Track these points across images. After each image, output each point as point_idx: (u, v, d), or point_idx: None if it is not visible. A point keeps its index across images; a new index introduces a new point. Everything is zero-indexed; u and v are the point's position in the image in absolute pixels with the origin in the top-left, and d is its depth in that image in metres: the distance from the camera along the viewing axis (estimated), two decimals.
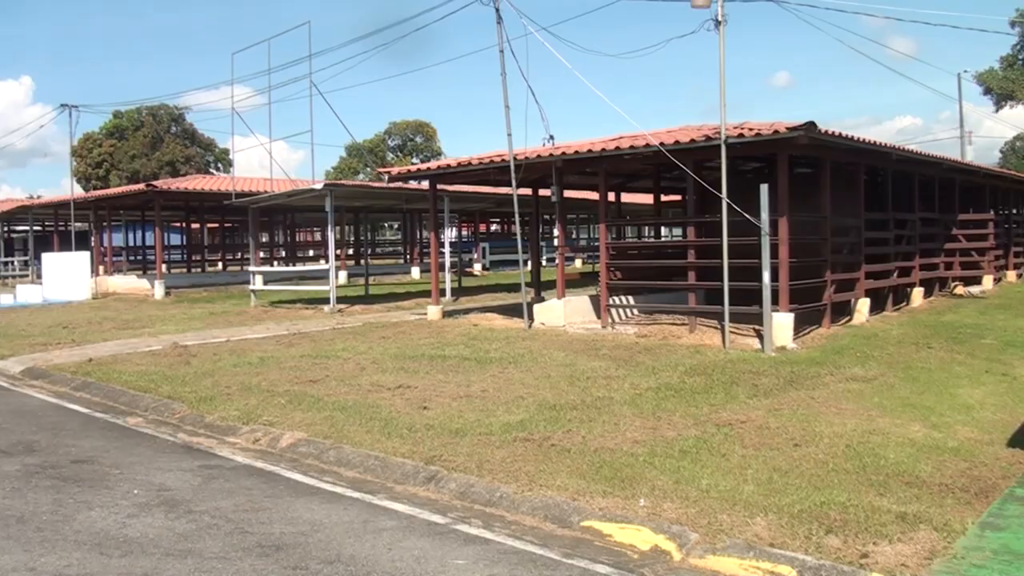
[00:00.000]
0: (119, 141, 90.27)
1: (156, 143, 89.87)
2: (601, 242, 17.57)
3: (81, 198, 40.17)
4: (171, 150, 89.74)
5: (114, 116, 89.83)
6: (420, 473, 7.59)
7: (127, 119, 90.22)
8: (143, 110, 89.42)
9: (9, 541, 6.12)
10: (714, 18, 14.00)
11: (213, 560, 5.71)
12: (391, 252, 64.57)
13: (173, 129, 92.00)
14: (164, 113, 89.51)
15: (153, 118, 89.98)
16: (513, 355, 13.66)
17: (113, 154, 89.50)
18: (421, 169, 21.86)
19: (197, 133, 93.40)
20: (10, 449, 9.04)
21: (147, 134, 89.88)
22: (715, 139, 14.16)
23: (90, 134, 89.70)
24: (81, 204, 38.62)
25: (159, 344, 16.54)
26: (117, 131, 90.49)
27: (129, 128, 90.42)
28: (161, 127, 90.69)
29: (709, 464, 7.39)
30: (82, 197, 41.18)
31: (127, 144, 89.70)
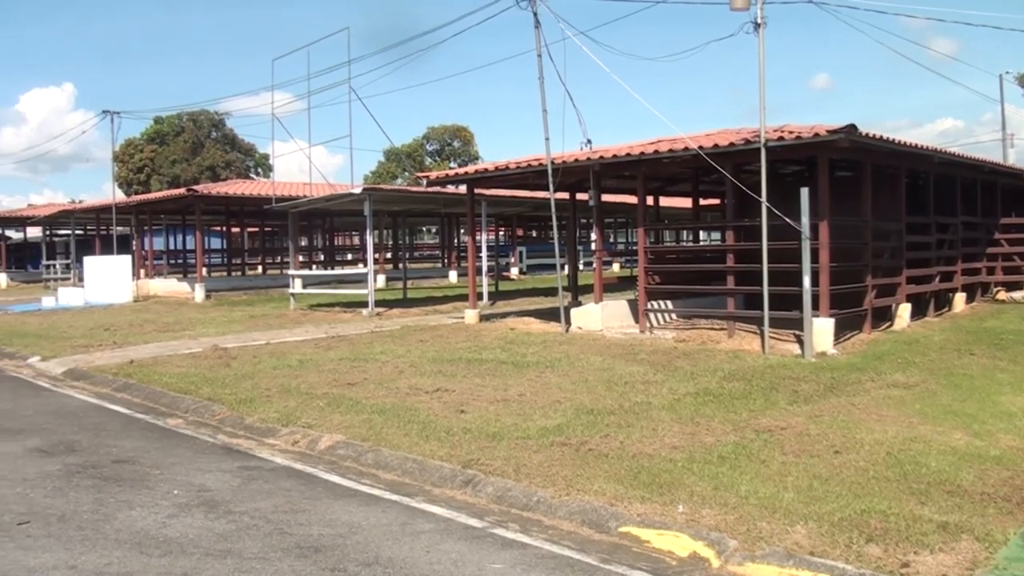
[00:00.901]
0: (160, 146, 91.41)
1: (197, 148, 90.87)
2: (639, 246, 17.50)
3: (123, 202, 40.67)
4: (211, 155, 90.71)
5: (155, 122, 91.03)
6: (457, 476, 7.60)
7: (168, 125, 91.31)
8: (184, 116, 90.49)
9: (51, 539, 6.20)
10: (753, 20, 13.91)
11: (252, 560, 5.74)
12: (429, 256, 64.78)
13: (214, 134, 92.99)
14: (205, 119, 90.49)
15: (194, 124, 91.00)
16: (550, 359, 13.64)
17: (154, 159, 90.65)
18: (459, 173, 21.87)
19: (237, 138, 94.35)
20: (52, 449, 9.16)
21: (188, 139, 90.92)
22: (755, 142, 14.06)
23: (131, 140, 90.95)
24: (122, 208, 39.08)
25: (199, 346, 16.69)
26: (158, 136, 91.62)
27: (170, 134, 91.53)
28: (202, 132, 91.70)
29: (748, 470, 7.32)
30: (124, 202, 41.69)
31: (168, 149, 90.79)
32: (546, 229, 58.41)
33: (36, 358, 16.29)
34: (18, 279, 51.24)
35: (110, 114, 36.45)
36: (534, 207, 35.54)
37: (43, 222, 51.60)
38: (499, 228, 52.08)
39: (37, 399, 12.50)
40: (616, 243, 56.35)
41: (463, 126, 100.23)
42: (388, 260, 47.59)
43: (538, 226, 59.46)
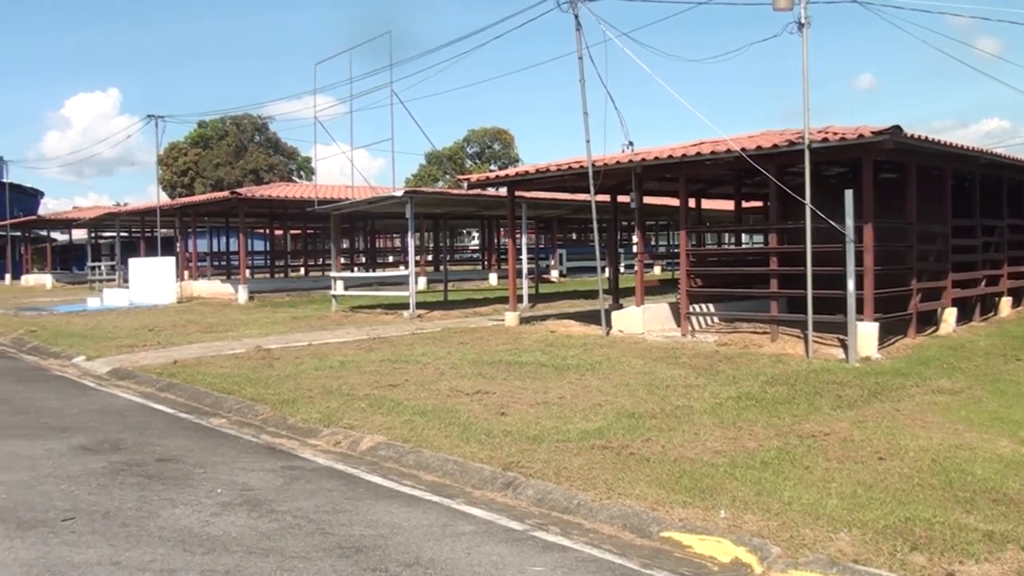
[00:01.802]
0: (204, 150, 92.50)
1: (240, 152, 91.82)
2: (681, 249, 17.40)
3: (167, 205, 41.15)
4: (254, 158, 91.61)
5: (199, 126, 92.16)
6: (498, 479, 7.59)
7: (211, 129, 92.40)
8: (227, 120, 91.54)
9: (95, 536, 6.28)
10: (797, 20, 13.78)
11: (295, 559, 5.77)
12: (469, 258, 64.92)
13: (257, 138, 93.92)
14: (248, 123, 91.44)
15: (237, 128, 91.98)
16: (591, 362, 13.60)
17: (198, 162, 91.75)
18: (500, 176, 21.87)
19: (280, 142, 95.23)
20: (97, 447, 9.28)
21: (231, 143, 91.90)
22: (798, 144, 13.93)
23: (176, 143, 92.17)
24: (167, 211, 39.53)
25: (242, 347, 16.84)
26: (202, 140, 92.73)
27: (213, 137, 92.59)
28: (245, 136, 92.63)
29: (792, 476, 7.24)
30: (168, 204, 42.18)
31: (211, 153, 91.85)
32: (587, 231, 58.37)
33: (81, 358, 16.52)
34: (63, 280, 52.01)
35: (155, 118, 36.89)
36: (575, 209, 35.51)
37: (88, 224, 52.41)
38: (539, 230, 52.01)
39: (82, 398, 12.68)
40: (657, 246, 56.09)
41: (503, 129, 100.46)
42: (429, 262, 47.75)
43: (578, 228, 59.41)
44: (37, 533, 6.34)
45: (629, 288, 21.05)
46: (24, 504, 7.10)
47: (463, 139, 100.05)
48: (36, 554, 5.89)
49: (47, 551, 5.95)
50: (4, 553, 5.90)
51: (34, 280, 52.67)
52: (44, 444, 9.40)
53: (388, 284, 31.11)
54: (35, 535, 6.29)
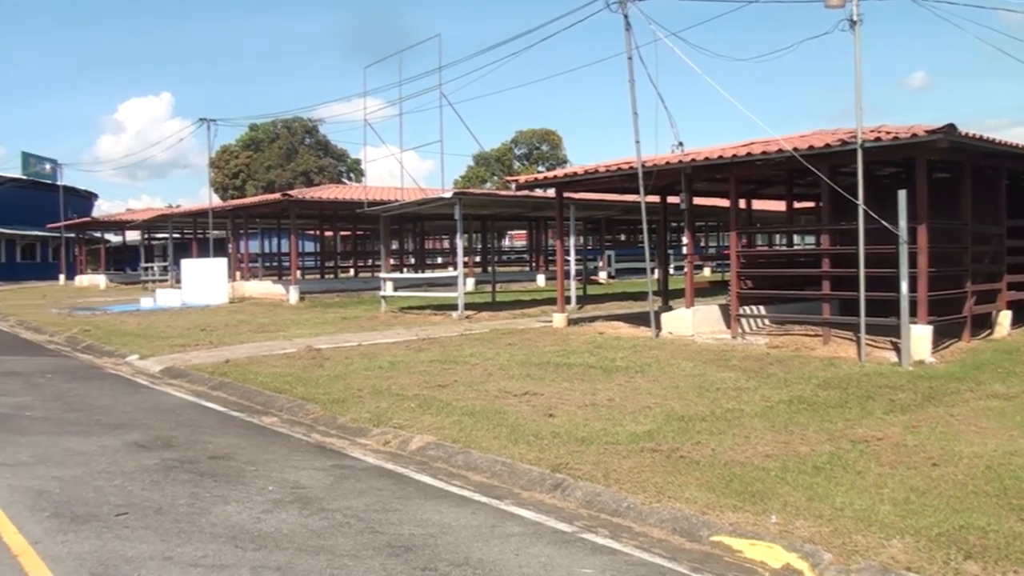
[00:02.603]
0: (255, 153, 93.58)
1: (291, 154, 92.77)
2: (732, 250, 17.27)
3: (219, 207, 41.69)
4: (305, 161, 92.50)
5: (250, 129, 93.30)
6: (546, 480, 7.58)
7: (263, 132, 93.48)
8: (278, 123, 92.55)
9: (147, 531, 6.38)
10: (849, 18, 13.59)
11: (345, 557, 5.81)
12: (517, 259, 64.97)
13: (307, 141, 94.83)
14: (299, 126, 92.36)
15: (288, 130, 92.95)
16: (640, 364, 13.54)
17: (249, 165, 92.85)
18: (548, 177, 21.86)
19: (330, 144, 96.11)
20: (150, 444, 9.42)
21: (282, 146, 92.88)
22: (851, 143, 13.75)
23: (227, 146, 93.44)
24: (219, 213, 40.05)
25: (293, 347, 16.99)
26: (253, 143, 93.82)
27: (265, 140, 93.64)
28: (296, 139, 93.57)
29: (844, 482, 7.14)
30: (220, 206, 42.73)
31: (263, 155, 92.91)
32: (635, 233, 58.10)
33: (135, 356, 16.77)
34: (117, 281, 52.95)
35: (207, 122, 37.48)
36: (623, 210, 35.41)
37: (141, 226, 53.27)
38: (587, 231, 51.87)
39: (136, 396, 12.87)
40: (707, 247, 55.72)
41: (551, 130, 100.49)
42: (477, 263, 47.87)
43: (627, 229, 59.18)
44: (91, 527, 6.45)
45: (678, 290, 20.97)
46: (78, 499, 7.23)
47: (511, 140, 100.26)
48: (89, 548, 6.00)
49: (100, 545, 6.05)
50: (58, 547, 6.01)
51: (88, 280, 53.68)
52: (98, 440, 9.57)
53: (437, 285, 31.21)
54: (89, 529, 6.41)
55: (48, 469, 8.30)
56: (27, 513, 6.82)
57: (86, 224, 59.00)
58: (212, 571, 5.57)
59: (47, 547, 6.02)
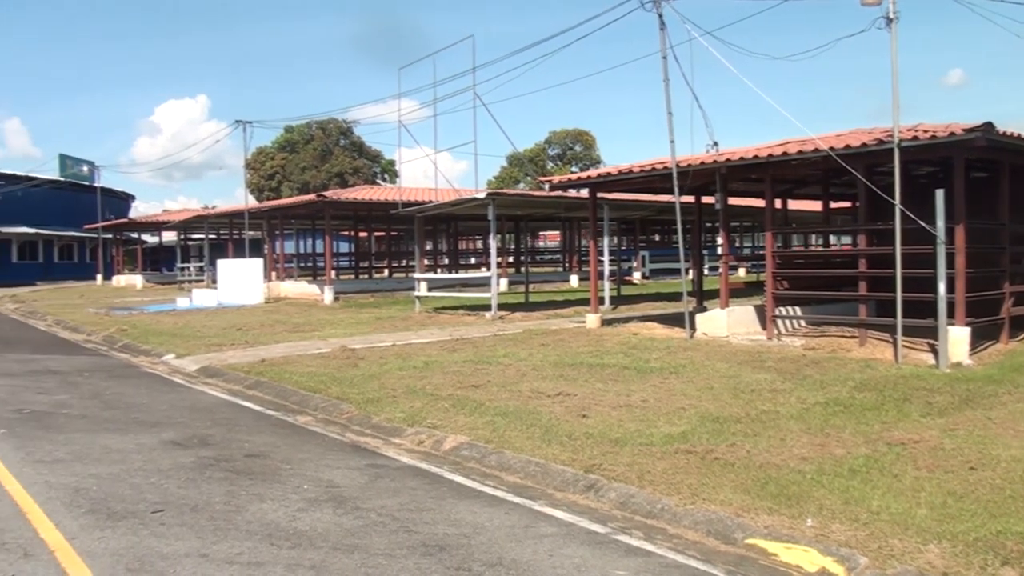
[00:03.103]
0: (290, 154, 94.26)
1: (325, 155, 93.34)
2: (767, 250, 17.15)
3: (254, 208, 42.01)
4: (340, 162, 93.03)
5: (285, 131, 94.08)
6: (580, 481, 7.57)
7: (298, 133, 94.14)
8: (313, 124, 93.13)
9: (183, 528, 6.44)
10: (885, 15, 13.46)
11: (379, 556, 5.83)
12: (550, 260, 64.92)
13: (342, 142, 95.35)
14: (333, 127, 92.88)
15: (323, 132, 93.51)
16: (674, 365, 13.48)
17: (284, 166, 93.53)
18: (581, 178, 21.83)
19: (364, 145, 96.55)
20: (186, 442, 9.51)
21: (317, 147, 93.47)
22: (887, 142, 13.62)
23: (263, 148, 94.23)
24: (254, 213, 40.34)
25: (328, 347, 17.08)
26: (288, 145, 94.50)
27: (300, 142, 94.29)
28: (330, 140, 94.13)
29: (880, 485, 7.07)
30: (255, 207, 43.06)
31: (298, 157, 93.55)
32: (670, 233, 57.87)
33: (171, 356, 16.94)
34: (153, 281, 53.53)
35: (242, 124, 37.76)
36: (658, 211, 35.30)
37: (178, 227, 53.78)
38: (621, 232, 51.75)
39: (172, 394, 13.00)
40: (742, 247, 55.41)
41: (585, 130, 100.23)
42: (510, 264, 47.88)
43: (661, 230, 58.96)
44: (127, 524, 6.52)
45: (714, 290, 20.80)
46: (115, 496, 7.31)
47: (544, 141, 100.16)
48: (126, 544, 6.07)
49: (137, 542, 6.12)
50: (95, 543, 6.09)
51: (125, 280, 54.30)
52: (135, 438, 9.67)
53: (470, 286, 31.28)
54: (125, 526, 6.48)
55: (85, 466, 8.40)
56: (64, 509, 6.91)
57: (123, 225, 59.72)
58: (247, 568, 5.61)
59: (83, 543, 6.09)
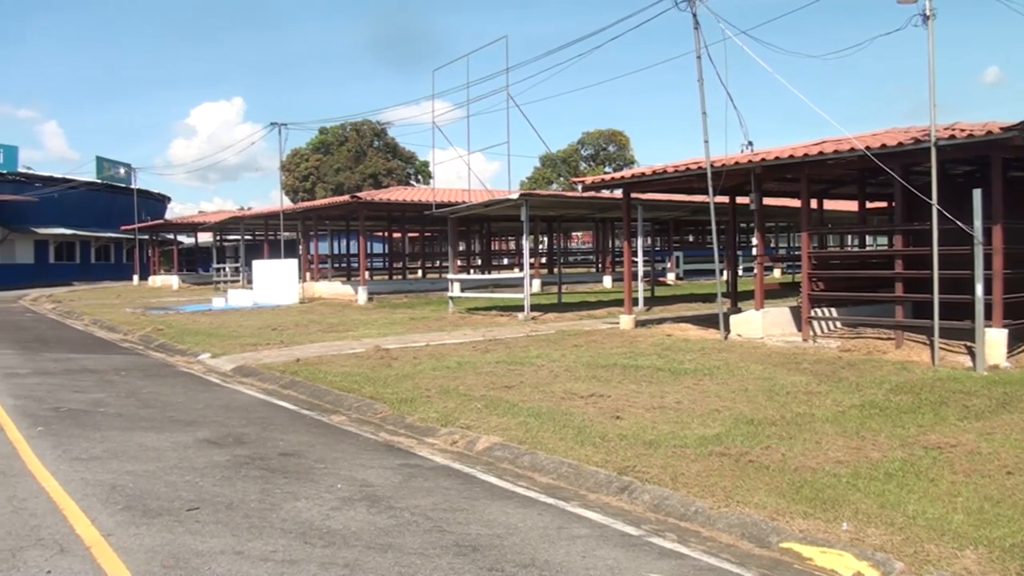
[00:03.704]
0: (324, 155, 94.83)
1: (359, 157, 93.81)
2: (803, 251, 17.01)
3: (289, 209, 42.25)
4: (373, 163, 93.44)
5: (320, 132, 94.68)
6: (613, 483, 7.55)
7: (332, 135, 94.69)
8: (347, 126, 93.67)
9: (219, 526, 6.50)
10: (922, 13, 13.31)
11: (412, 556, 5.86)
12: (583, 261, 64.86)
13: (376, 143, 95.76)
14: (367, 128, 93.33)
15: (357, 133, 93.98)
16: (708, 367, 13.42)
17: (319, 168, 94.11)
18: (615, 178, 21.77)
19: (398, 147, 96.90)
20: (221, 440, 9.60)
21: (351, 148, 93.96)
22: (924, 141, 13.46)
23: (298, 149, 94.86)
24: (289, 215, 40.59)
25: (362, 347, 17.17)
26: (323, 146, 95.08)
27: (334, 143, 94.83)
28: (364, 142, 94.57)
29: (916, 489, 7.00)
30: (290, 208, 43.31)
31: (332, 158, 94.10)
32: (704, 233, 57.65)
33: (207, 355, 17.09)
34: (189, 281, 54.08)
35: (277, 126, 38.03)
36: (692, 211, 35.17)
37: (213, 228, 54.27)
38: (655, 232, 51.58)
39: (207, 393, 13.12)
40: (777, 248, 55.04)
41: (618, 130, 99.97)
42: (543, 265, 47.86)
43: (695, 230, 58.73)
44: (163, 521, 6.59)
45: (748, 291, 20.69)
46: (150, 493, 7.39)
47: (578, 141, 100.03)
48: (161, 541, 6.14)
49: (172, 539, 6.18)
50: (131, 539, 6.16)
51: (161, 281, 54.91)
52: (170, 437, 9.78)
53: (503, 286, 31.28)
54: (161, 523, 6.55)
55: (121, 463, 8.51)
56: (100, 506, 6.99)
57: (159, 226, 60.35)
58: (282, 566, 5.65)
59: (119, 539, 6.16)
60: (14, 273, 56.65)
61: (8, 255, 58.74)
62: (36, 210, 58.18)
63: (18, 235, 58.86)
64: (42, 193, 59.33)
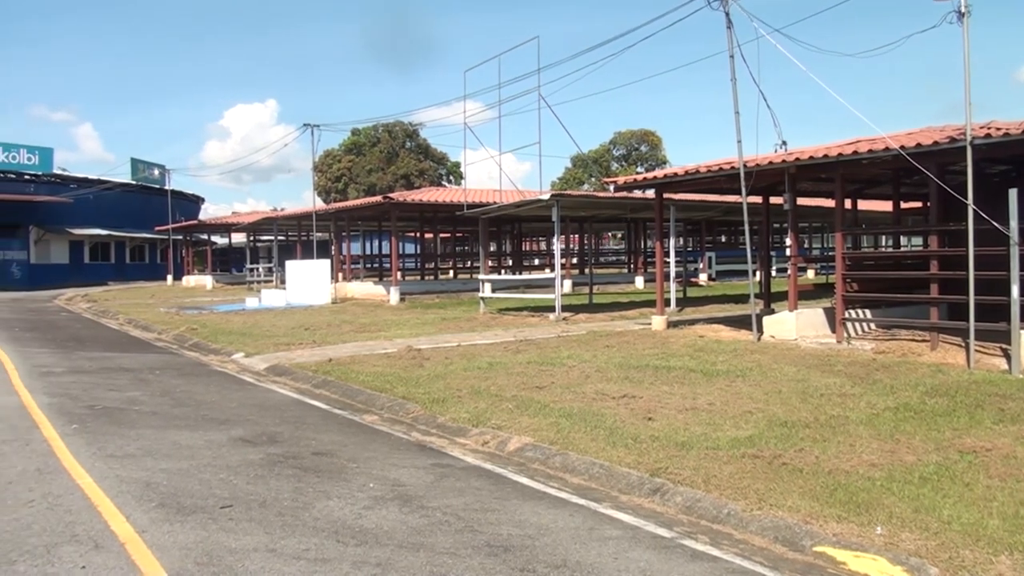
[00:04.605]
0: (357, 157, 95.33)
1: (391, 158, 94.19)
2: (837, 252, 16.87)
3: (322, 210, 42.49)
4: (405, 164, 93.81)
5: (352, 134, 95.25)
6: (645, 484, 7.53)
7: (364, 136, 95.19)
8: (379, 127, 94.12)
9: (251, 523, 6.55)
10: (957, 10, 13.16)
11: (444, 555, 5.87)
12: (615, 261, 64.72)
13: (407, 144, 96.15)
14: (399, 130, 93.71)
15: (389, 134, 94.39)
16: (741, 368, 13.35)
17: (351, 169, 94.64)
18: (647, 178, 21.69)
19: (430, 147, 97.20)
20: (255, 439, 9.67)
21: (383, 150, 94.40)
22: (959, 140, 13.32)
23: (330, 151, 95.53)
24: (322, 215, 40.82)
25: (394, 347, 17.23)
26: (355, 147, 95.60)
27: (366, 144, 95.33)
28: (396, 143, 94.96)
29: (951, 493, 6.92)
30: (323, 209, 43.54)
31: (364, 159, 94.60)
32: (736, 234, 57.37)
33: (240, 354, 17.22)
34: (223, 281, 54.56)
35: (310, 127, 38.19)
36: (725, 211, 35.00)
37: (247, 228, 54.70)
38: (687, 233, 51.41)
39: (241, 392, 13.22)
40: (811, 249, 54.66)
41: (651, 130, 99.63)
42: (574, 265, 47.79)
43: (728, 230, 58.45)
44: (196, 519, 6.66)
45: (781, 292, 20.59)
46: (184, 491, 7.46)
47: (609, 141, 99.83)
48: (195, 538, 6.19)
49: (206, 536, 6.24)
50: (165, 536, 6.22)
51: (195, 281, 55.44)
52: (204, 435, 9.86)
53: (534, 287, 31.30)
54: (194, 520, 6.61)
55: (155, 461, 8.59)
56: (134, 503, 7.07)
57: (193, 227, 60.96)
58: (314, 564, 5.69)
59: (153, 536, 6.23)
60: (50, 273, 57.41)
61: (44, 255, 59.53)
62: (71, 211, 58.94)
63: (53, 235, 59.63)
64: (77, 194, 60.06)
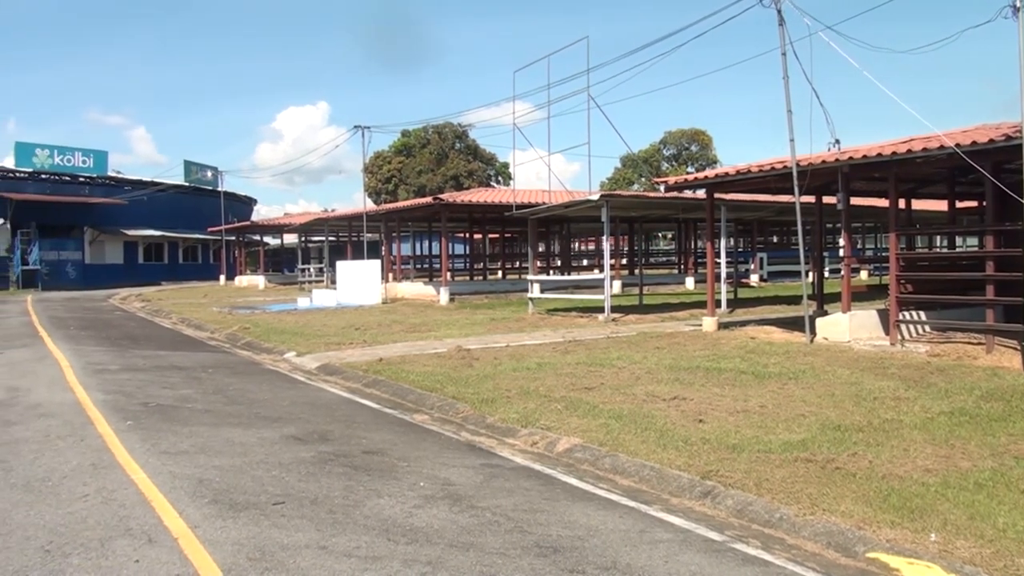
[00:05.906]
0: (407, 158, 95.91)
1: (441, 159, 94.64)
2: (891, 252, 16.63)
3: (372, 211, 42.77)
4: (455, 165, 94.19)
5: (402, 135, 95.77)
6: (696, 487, 7.49)
7: (414, 137, 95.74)
8: (429, 128, 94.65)
9: (303, 520, 6.62)
10: (1012, 4, 12.92)
11: (493, 555, 5.89)
12: (664, 262, 64.42)
13: (457, 145, 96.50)
14: (449, 131, 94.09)
15: (439, 136, 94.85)
16: (793, 370, 13.22)
17: (401, 170, 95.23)
18: (698, 178, 21.56)
19: (479, 148, 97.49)
20: (306, 437, 9.77)
21: (433, 151, 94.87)
22: (1015, 138, 13.05)
23: (380, 152, 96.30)
24: (372, 216, 41.08)
25: (443, 347, 17.30)
26: (405, 149, 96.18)
27: (416, 146, 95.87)
28: (446, 144, 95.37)
29: (1007, 500, 6.78)
30: (373, 210, 43.83)
31: (414, 160, 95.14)
32: (788, 234, 56.81)
33: (292, 353, 17.39)
34: (275, 281, 55.19)
35: (361, 129, 38.52)
36: (777, 212, 34.68)
37: (298, 229, 55.27)
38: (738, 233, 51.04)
39: (293, 391, 13.35)
40: (864, 249, 53.96)
41: (701, 130, 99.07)
42: (624, 266, 47.64)
43: (780, 231, 57.90)
44: (249, 515, 6.74)
45: (834, 294, 20.36)
46: (237, 487, 7.56)
47: (659, 141, 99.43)
48: (247, 534, 6.27)
49: (258, 532, 6.32)
50: (217, 532, 6.32)
51: (247, 281, 56.13)
52: (256, 433, 9.98)
53: (583, 287, 31.22)
54: (247, 516, 6.70)
55: (208, 458, 8.71)
56: (187, 499, 7.17)
57: (245, 227, 61.73)
58: (365, 562, 5.73)
59: (206, 531, 6.32)
60: (104, 273, 58.47)
61: (98, 256, 60.67)
62: (125, 212, 60.03)
63: (108, 236, 60.77)
64: (131, 196, 61.12)
